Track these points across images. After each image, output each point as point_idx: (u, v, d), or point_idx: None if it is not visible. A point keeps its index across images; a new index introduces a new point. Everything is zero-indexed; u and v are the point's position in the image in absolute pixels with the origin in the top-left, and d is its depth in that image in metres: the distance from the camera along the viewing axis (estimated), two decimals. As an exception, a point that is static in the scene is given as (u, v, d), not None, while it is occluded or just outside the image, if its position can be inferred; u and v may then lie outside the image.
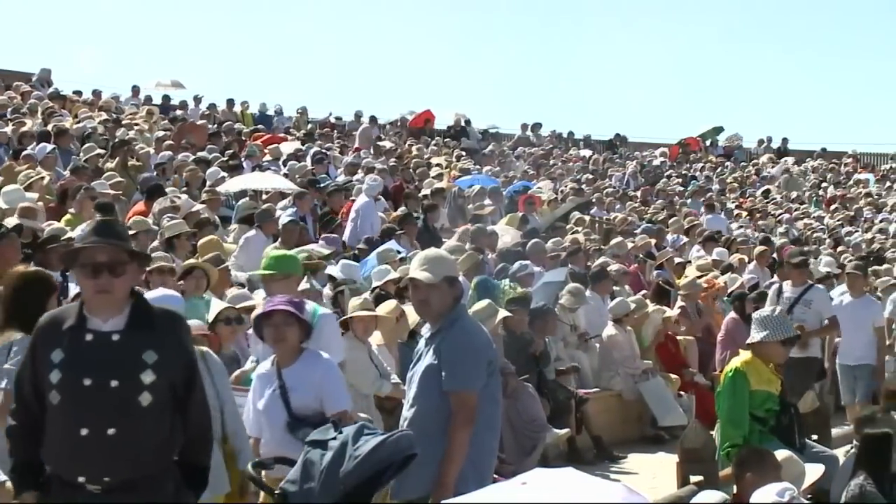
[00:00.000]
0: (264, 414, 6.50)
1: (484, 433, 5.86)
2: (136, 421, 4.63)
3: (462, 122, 34.17)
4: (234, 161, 19.73)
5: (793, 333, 8.60)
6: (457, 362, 5.83)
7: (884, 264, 18.78)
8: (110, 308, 4.73)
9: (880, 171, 38.38)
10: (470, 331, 5.96)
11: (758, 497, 6.00)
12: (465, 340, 5.88)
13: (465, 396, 5.77)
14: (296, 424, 6.31)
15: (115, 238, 4.78)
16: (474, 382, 5.83)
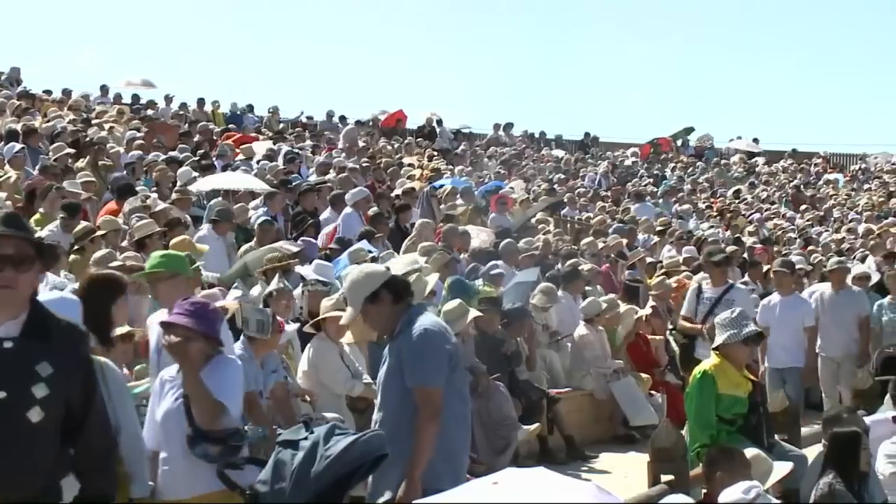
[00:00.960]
0: (163, 426, 5.84)
1: (453, 429, 5.88)
2: (22, 438, 4.20)
3: (434, 122, 34.16)
4: (206, 161, 19.66)
5: (752, 331, 8.66)
6: (416, 359, 5.91)
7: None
8: (10, 308, 4.29)
9: (850, 171, 38.66)
10: (427, 328, 5.97)
11: (724, 497, 6.04)
12: (422, 338, 5.92)
13: (429, 392, 5.84)
14: (196, 439, 5.67)
15: (22, 230, 4.37)
16: (436, 378, 5.88)
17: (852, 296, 14.18)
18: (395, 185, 21.04)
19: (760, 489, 6.06)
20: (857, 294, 14.31)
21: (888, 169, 38.25)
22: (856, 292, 14.35)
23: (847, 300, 14.01)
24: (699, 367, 8.57)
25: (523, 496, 3.84)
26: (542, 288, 13.50)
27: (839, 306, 13.95)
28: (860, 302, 14.17)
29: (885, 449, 7.99)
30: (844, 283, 14.24)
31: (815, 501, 7.13)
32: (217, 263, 13.19)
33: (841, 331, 13.86)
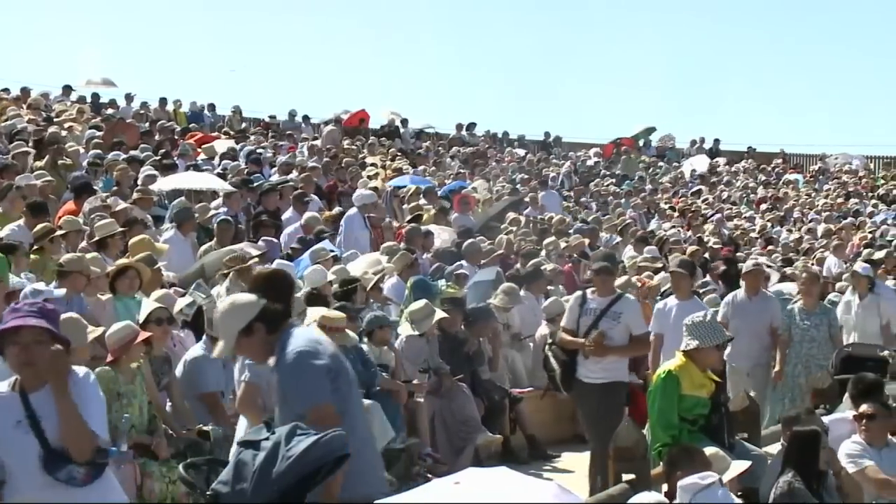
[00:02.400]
0: (4, 453, 5.12)
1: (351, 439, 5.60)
2: None
3: (397, 121, 34.14)
4: (168, 160, 19.56)
5: (725, 338, 8.71)
6: (294, 386, 5.78)
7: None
8: None
9: (809, 171, 38.96)
10: (297, 351, 5.80)
11: (682, 482, 6.15)
12: (293, 363, 5.76)
13: (320, 409, 5.69)
14: (55, 461, 5.11)
15: None
16: (320, 394, 5.75)
17: (766, 302, 13.05)
18: (357, 185, 21.00)
19: (716, 478, 6.17)
20: (770, 300, 13.23)
21: (846, 169, 38.57)
22: (770, 298, 13.35)
23: (760, 306, 12.84)
24: (663, 367, 8.61)
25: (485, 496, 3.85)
26: (504, 288, 13.52)
27: (751, 312, 12.80)
28: (773, 309, 13.03)
29: (845, 448, 8.05)
30: (758, 288, 13.20)
31: (774, 500, 7.19)
32: (183, 264, 13.16)
33: (751, 339, 12.63)
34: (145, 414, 8.49)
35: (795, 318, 12.99)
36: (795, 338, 12.88)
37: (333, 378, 5.82)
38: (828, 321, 13.03)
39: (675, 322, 10.90)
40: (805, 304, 13.16)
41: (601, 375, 9.88)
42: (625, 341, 10.05)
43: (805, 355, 12.83)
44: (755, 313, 12.69)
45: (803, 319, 12.99)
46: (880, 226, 28.09)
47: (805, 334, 12.91)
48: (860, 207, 31.27)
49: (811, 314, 13.03)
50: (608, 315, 10.00)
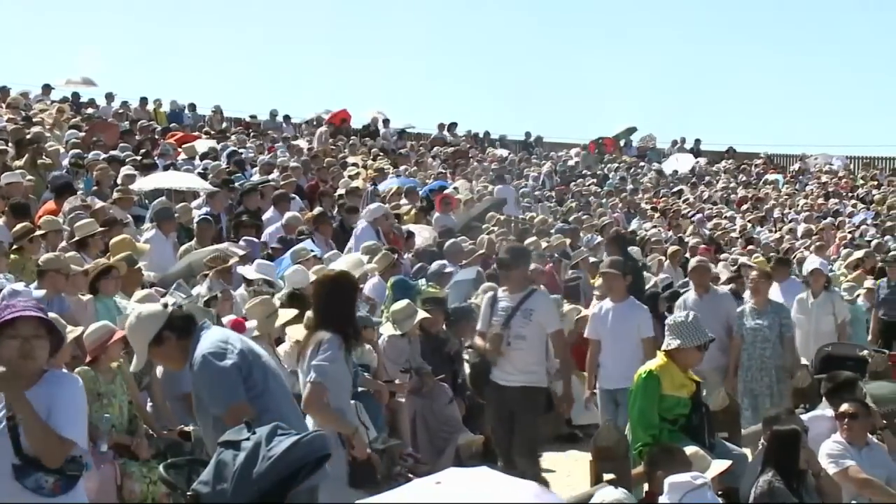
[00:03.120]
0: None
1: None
2: None
3: (380, 121, 34.15)
4: (148, 160, 19.52)
5: (707, 339, 8.73)
6: (207, 389, 5.88)
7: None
8: None
9: (790, 171, 39.12)
10: (203, 355, 5.87)
11: (671, 479, 6.16)
12: (202, 368, 5.85)
13: (235, 408, 5.75)
14: (25, 469, 4.95)
15: None
16: (233, 394, 5.82)
17: (717, 299, 12.36)
18: (338, 184, 20.99)
19: (706, 479, 6.19)
20: (722, 297, 12.60)
21: (827, 170, 38.74)
22: (721, 295, 12.69)
23: (711, 305, 12.07)
24: (644, 367, 8.62)
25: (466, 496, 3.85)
26: (486, 288, 13.51)
27: (701, 311, 11.19)
28: (727, 306, 12.40)
29: (826, 448, 8.07)
30: (707, 285, 12.54)
31: (754, 499, 7.21)
32: (164, 263, 13.12)
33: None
34: (125, 414, 8.47)
35: (746, 318, 12.27)
36: (747, 339, 12.17)
37: (246, 375, 5.88)
38: (779, 321, 12.27)
39: (613, 325, 10.52)
40: (756, 304, 12.43)
41: (518, 378, 9.47)
42: (540, 340, 9.58)
43: (759, 357, 12.13)
44: (707, 312, 11.33)
45: (755, 319, 12.27)
46: (859, 226, 28.23)
47: (757, 335, 12.20)
48: (840, 207, 31.43)
49: (762, 314, 12.30)
50: (520, 313, 9.44)
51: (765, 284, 12.64)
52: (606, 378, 10.57)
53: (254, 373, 5.91)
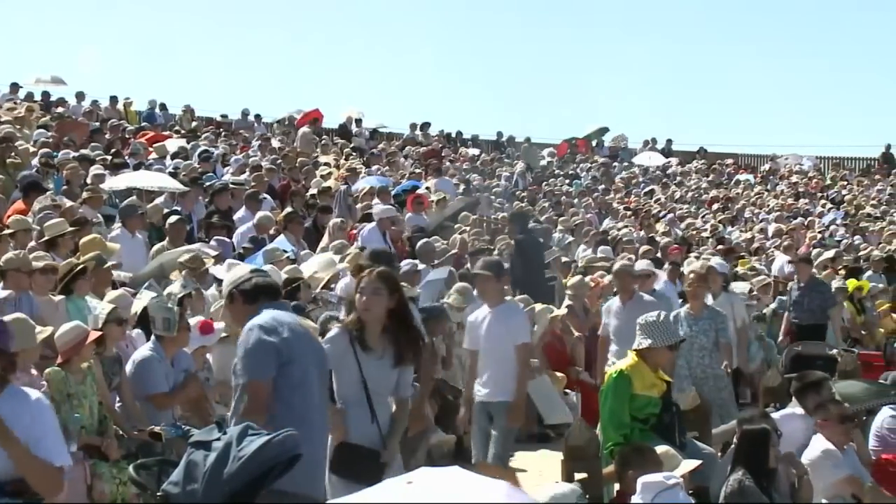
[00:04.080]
0: None
1: (288, 422, 5.59)
2: None
3: (354, 120, 34.12)
4: (118, 159, 19.43)
5: (678, 339, 8.76)
6: (240, 357, 5.90)
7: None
8: None
9: (760, 171, 39.30)
10: (252, 325, 5.94)
11: (644, 479, 6.18)
12: (245, 335, 5.92)
13: (252, 385, 5.78)
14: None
15: None
16: (257, 371, 5.82)
17: (642, 306, 11.10)
18: (310, 184, 20.96)
19: (679, 479, 6.21)
20: (647, 304, 11.36)
21: (797, 170, 38.95)
22: (647, 302, 11.58)
23: (635, 312, 10.65)
24: (615, 366, 8.65)
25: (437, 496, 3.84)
26: (458, 287, 13.51)
27: (624, 319, 11.25)
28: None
29: (827, 458, 8.07)
30: (631, 290, 11.82)
31: (724, 498, 7.24)
32: (131, 261, 13.05)
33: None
34: (96, 414, 8.42)
35: (681, 324, 11.53)
36: (683, 347, 11.02)
37: (286, 362, 5.86)
38: (715, 327, 11.71)
39: (488, 332, 9.68)
40: (691, 308, 11.83)
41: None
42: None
43: (695, 365, 11.54)
44: (629, 320, 10.54)
45: (690, 325, 11.66)
46: (829, 226, 28.40)
47: (693, 341, 11.53)
48: (810, 207, 31.61)
49: (698, 319, 11.73)
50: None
51: (702, 289, 12.14)
52: (481, 390, 9.73)
53: (294, 364, 5.91)
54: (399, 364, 6.86)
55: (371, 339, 6.84)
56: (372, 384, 6.82)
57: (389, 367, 6.86)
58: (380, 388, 6.87)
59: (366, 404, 6.76)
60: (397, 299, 6.86)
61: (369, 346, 6.83)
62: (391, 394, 6.94)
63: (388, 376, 6.87)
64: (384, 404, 6.92)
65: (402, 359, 6.86)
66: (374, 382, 6.83)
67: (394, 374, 6.88)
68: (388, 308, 6.83)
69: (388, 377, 6.88)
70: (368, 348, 6.84)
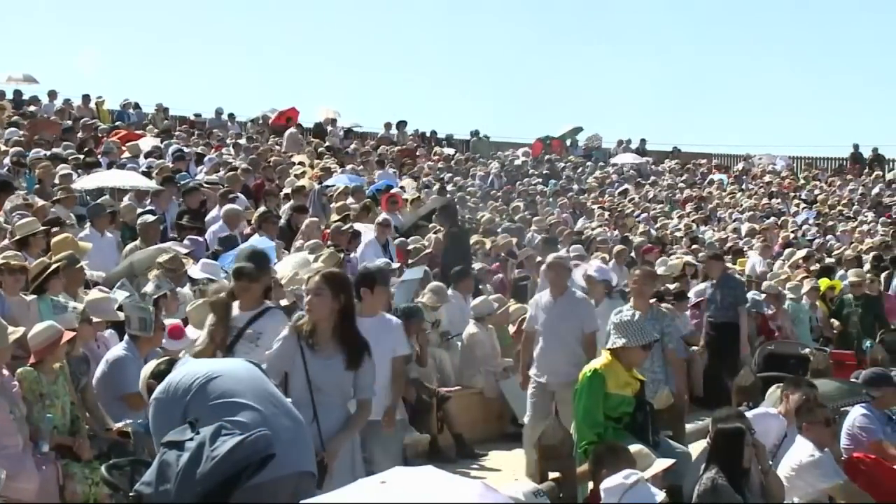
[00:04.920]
0: None
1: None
2: None
3: (330, 120, 34.08)
4: (91, 158, 19.32)
5: (652, 339, 8.78)
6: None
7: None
8: None
9: (734, 171, 39.47)
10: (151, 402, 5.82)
11: (606, 483, 6.22)
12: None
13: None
14: None
15: None
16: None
17: (574, 303, 10.85)
18: (283, 183, 20.90)
19: (639, 475, 6.24)
20: (579, 301, 11.03)
21: (770, 170, 39.13)
22: (579, 299, 11.12)
23: (566, 309, 10.72)
24: (589, 365, 8.67)
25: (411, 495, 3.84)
26: (432, 287, 13.53)
27: (555, 316, 10.79)
28: (582, 312, 10.85)
29: (819, 463, 8.10)
30: (564, 286, 10.99)
31: (697, 497, 7.27)
32: (102, 260, 12.98)
33: (558, 349, 10.63)
34: (68, 414, 8.39)
35: None
36: None
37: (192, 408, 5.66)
38: (661, 329, 10.75)
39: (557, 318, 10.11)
40: (636, 307, 10.84)
41: None
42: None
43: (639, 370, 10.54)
44: (557, 316, 10.63)
45: None
46: (802, 225, 28.55)
47: None
48: (783, 207, 31.76)
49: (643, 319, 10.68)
50: (245, 337, 7.61)
51: (649, 287, 11.24)
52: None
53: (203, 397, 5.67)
54: (352, 366, 6.84)
55: (320, 340, 6.86)
56: (318, 385, 6.81)
57: (340, 369, 6.85)
58: (328, 389, 6.85)
59: (311, 405, 6.75)
60: (344, 301, 6.86)
61: (318, 347, 6.84)
62: (346, 396, 6.92)
63: (338, 378, 6.85)
64: (333, 406, 6.87)
65: (354, 361, 6.84)
66: (320, 384, 6.82)
67: (346, 376, 6.86)
68: (336, 309, 6.84)
69: (337, 379, 6.85)
70: (317, 350, 6.84)
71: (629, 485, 6.16)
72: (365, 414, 7.05)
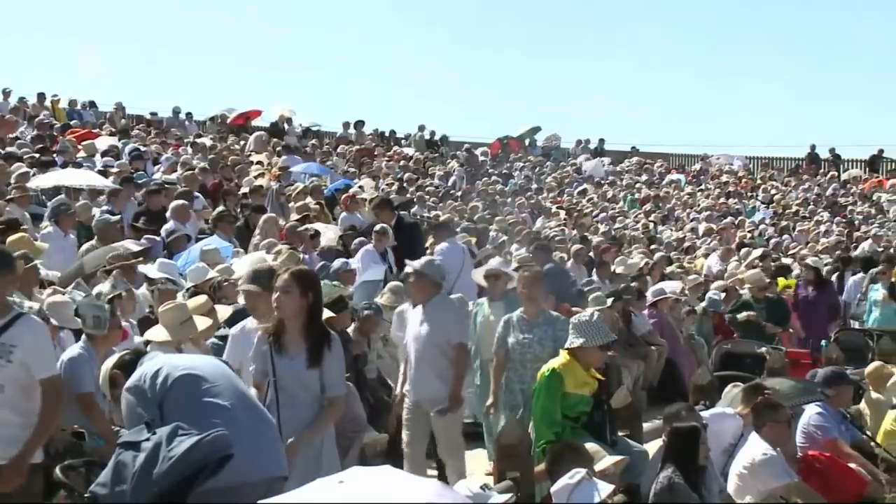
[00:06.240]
0: None
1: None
2: None
3: (285, 119, 33.97)
4: (46, 157, 19.16)
5: (610, 339, 8.82)
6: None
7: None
8: None
9: (691, 171, 39.72)
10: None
11: (554, 487, 6.26)
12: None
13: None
14: None
15: None
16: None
17: (443, 309, 9.56)
18: (242, 183, 20.83)
19: (584, 473, 6.29)
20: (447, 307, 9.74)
21: (727, 170, 39.40)
22: (446, 305, 9.75)
23: (431, 316, 9.44)
24: (547, 365, 8.69)
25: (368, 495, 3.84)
26: (392, 287, 13.49)
27: (416, 325, 9.60)
28: (449, 320, 9.53)
29: (772, 463, 8.14)
30: (429, 294, 9.60)
31: (654, 495, 7.31)
32: (63, 261, 12.89)
33: (425, 363, 9.45)
34: (22, 415, 8.30)
35: (512, 330, 9.84)
36: (514, 356, 9.74)
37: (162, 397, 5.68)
38: (553, 334, 9.66)
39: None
40: (526, 312, 9.88)
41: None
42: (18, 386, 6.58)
43: (529, 380, 9.40)
44: (423, 326, 9.46)
45: (523, 332, 9.78)
46: (759, 225, 28.77)
47: (526, 352, 9.71)
48: (741, 207, 32.00)
49: (533, 325, 9.81)
50: None
51: (537, 290, 10.03)
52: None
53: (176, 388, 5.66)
54: (314, 364, 6.79)
55: (288, 339, 6.83)
56: (283, 385, 6.79)
57: (303, 367, 6.79)
58: (293, 389, 6.81)
59: (276, 405, 6.72)
60: (312, 298, 6.84)
61: (285, 347, 6.81)
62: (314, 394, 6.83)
63: (302, 377, 6.78)
64: (297, 405, 6.81)
65: (315, 358, 6.78)
66: (285, 383, 6.79)
67: (310, 374, 6.77)
68: (305, 307, 6.82)
69: (301, 378, 6.79)
70: (283, 349, 6.82)
71: (574, 484, 6.21)
72: (335, 412, 6.99)
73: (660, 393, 14.37)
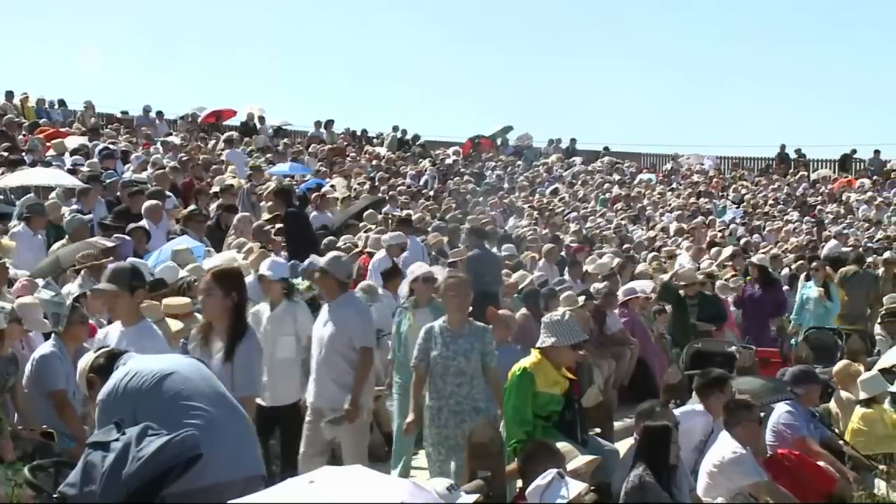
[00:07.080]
0: None
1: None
2: None
3: (256, 118, 33.87)
4: (15, 155, 19.02)
5: (582, 338, 8.83)
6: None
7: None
8: None
9: (662, 171, 39.86)
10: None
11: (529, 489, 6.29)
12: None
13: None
14: None
15: None
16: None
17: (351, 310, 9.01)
18: (214, 182, 20.74)
19: (554, 472, 6.31)
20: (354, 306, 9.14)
21: (698, 169, 39.56)
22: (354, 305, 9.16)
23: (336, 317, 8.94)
24: (518, 364, 8.69)
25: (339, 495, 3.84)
26: (363, 286, 13.49)
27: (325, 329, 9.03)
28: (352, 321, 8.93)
29: (741, 461, 8.16)
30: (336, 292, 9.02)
31: (625, 494, 7.33)
32: (32, 260, 12.82)
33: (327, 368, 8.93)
34: (-9, 415, 8.26)
35: (435, 342, 8.88)
36: (436, 370, 8.83)
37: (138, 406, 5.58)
38: (482, 347, 8.83)
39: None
40: (450, 322, 8.93)
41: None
42: None
43: (453, 395, 8.76)
44: (326, 327, 8.94)
45: (447, 343, 8.84)
46: (729, 224, 28.89)
47: (449, 365, 8.79)
48: (712, 207, 32.12)
49: (458, 336, 8.86)
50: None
51: (465, 297, 9.05)
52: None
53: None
54: (227, 359, 6.76)
55: (215, 340, 6.82)
56: None
57: (219, 365, 6.76)
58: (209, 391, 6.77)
59: None
60: (237, 298, 6.83)
61: (211, 347, 6.80)
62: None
63: (222, 376, 6.56)
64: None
65: (228, 355, 6.76)
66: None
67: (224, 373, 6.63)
68: (229, 307, 6.82)
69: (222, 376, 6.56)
70: (210, 349, 6.80)
71: (545, 485, 6.24)
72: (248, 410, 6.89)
73: (631, 392, 14.40)
